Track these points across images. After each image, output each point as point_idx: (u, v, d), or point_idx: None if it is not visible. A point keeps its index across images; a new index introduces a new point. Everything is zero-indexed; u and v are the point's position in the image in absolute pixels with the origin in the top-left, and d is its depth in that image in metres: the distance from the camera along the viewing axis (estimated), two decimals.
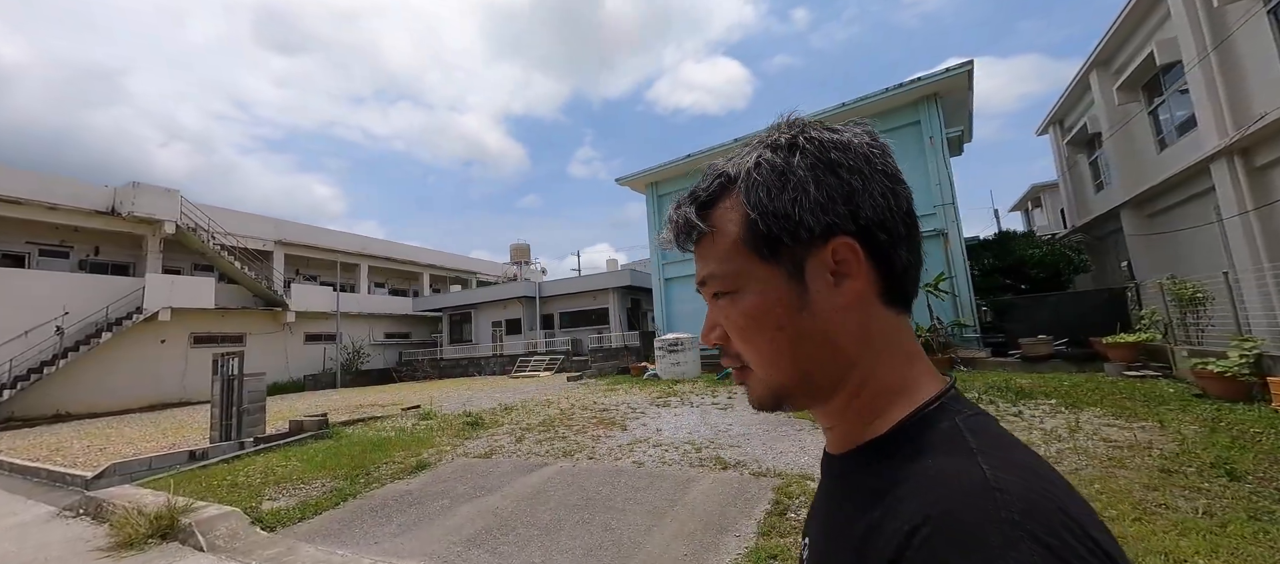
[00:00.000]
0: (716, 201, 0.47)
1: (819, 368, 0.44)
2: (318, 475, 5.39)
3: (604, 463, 5.12)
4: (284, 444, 6.91)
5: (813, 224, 0.42)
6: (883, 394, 0.43)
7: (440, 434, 7.28)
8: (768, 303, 0.44)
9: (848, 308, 0.43)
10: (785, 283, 0.44)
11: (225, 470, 5.86)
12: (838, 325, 0.43)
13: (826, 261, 0.43)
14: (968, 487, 0.33)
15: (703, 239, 0.48)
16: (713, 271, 0.47)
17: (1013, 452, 0.37)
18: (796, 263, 0.43)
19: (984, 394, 7.12)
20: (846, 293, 0.43)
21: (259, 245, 22.14)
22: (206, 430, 10.36)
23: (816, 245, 0.43)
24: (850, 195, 0.42)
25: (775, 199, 0.43)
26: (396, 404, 12.67)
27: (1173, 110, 10.34)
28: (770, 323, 0.44)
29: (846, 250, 0.43)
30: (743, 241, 0.45)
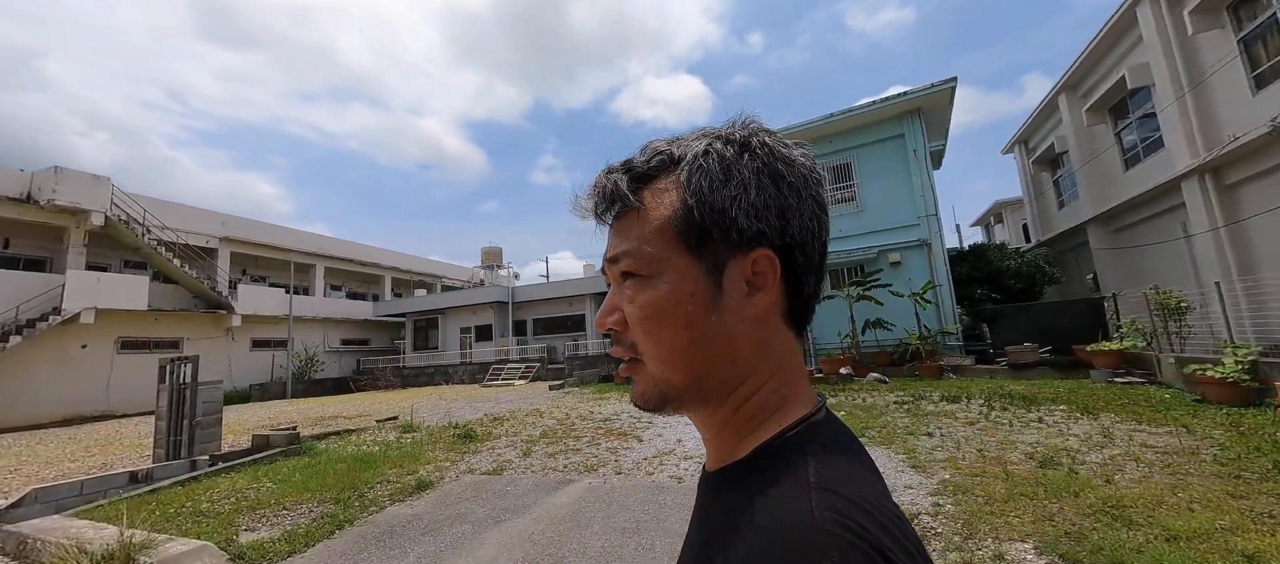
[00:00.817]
0: (651, 179, 0.45)
1: (714, 373, 0.42)
2: (301, 499, 4.65)
3: (635, 478, 4.67)
4: (250, 463, 6.03)
5: (745, 227, 0.41)
6: (760, 411, 0.43)
7: (431, 448, 6.58)
8: (680, 296, 0.42)
9: (754, 319, 0.42)
10: (702, 279, 0.42)
11: (181, 495, 5.00)
12: (741, 334, 0.42)
13: (745, 269, 0.42)
14: (792, 522, 0.33)
15: (626, 214, 0.45)
16: (631, 249, 0.44)
17: (848, 486, 0.36)
18: (718, 263, 0.42)
19: (992, 401, 7.14)
20: (756, 304, 0.42)
21: (202, 242, 20.21)
22: (145, 448, 9.13)
23: (740, 250, 0.42)
24: (784, 210, 0.42)
25: (716, 192, 0.42)
26: (365, 415, 11.66)
27: (1139, 132, 10.99)
28: (678, 318, 0.42)
29: (766, 263, 0.42)
30: (671, 226, 0.43)
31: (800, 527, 0.32)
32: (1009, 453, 4.58)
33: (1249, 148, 7.81)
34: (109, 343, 17.37)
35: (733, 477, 0.42)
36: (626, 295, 0.44)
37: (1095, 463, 4.13)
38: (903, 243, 13.34)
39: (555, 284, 23.62)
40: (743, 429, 0.43)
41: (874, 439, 5.47)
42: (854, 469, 0.38)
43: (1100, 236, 12.62)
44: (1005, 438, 5.18)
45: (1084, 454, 4.38)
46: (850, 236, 14.23)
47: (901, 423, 6.14)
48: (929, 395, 8.12)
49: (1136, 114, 10.97)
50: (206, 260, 20.17)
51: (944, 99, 13.08)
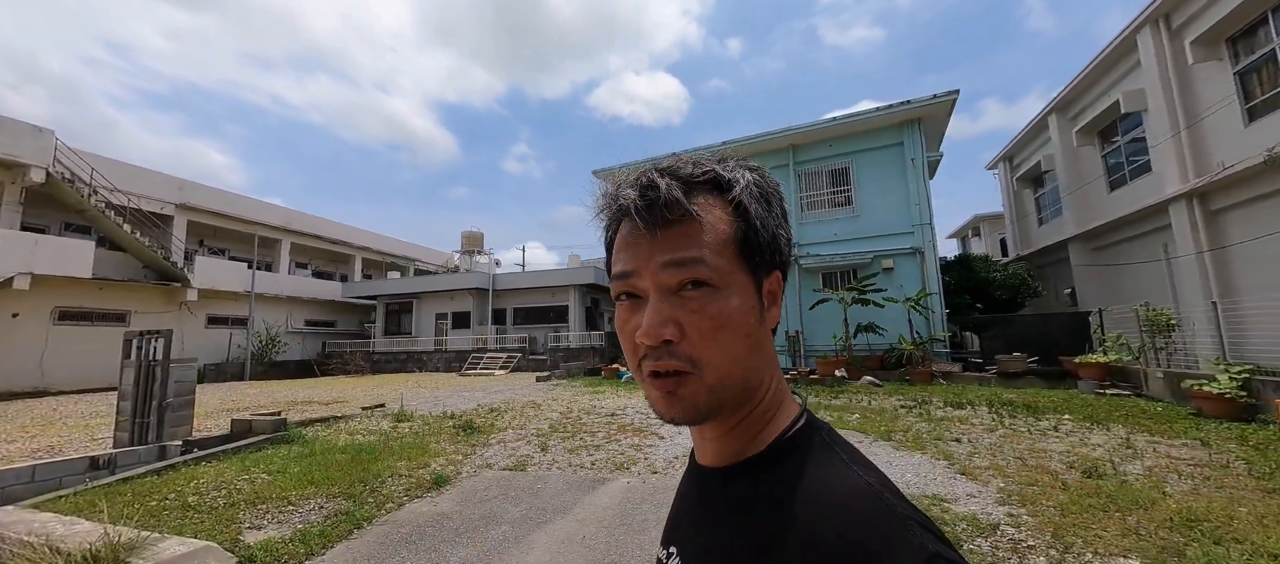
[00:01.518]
0: (697, 193, 0.46)
1: (756, 376, 0.47)
2: (305, 492, 4.18)
3: (674, 478, 4.42)
4: (233, 451, 5.45)
5: (783, 252, 0.48)
6: (772, 407, 0.47)
7: (433, 439, 6.15)
8: (746, 308, 0.45)
9: (770, 329, 0.49)
10: (755, 294, 0.46)
11: (160, 486, 4.43)
12: (767, 342, 0.48)
13: (771, 286, 0.48)
14: (857, 491, 0.39)
15: (683, 222, 0.45)
16: (697, 259, 0.44)
17: (864, 460, 0.44)
18: (760, 280, 0.47)
19: (997, 409, 7.24)
20: (773, 316, 0.49)
21: (156, 208, 18.63)
22: (94, 429, 8.26)
23: (772, 269, 0.48)
24: (788, 240, 0.50)
25: (768, 217, 0.47)
26: (341, 401, 10.96)
27: (1126, 154, 11.46)
28: (743, 327, 0.45)
29: (778, 283, 0.49)
30: (736, 244, 0.46)
31: (867, 491, 0.39)
32: (1046, 461, 4.58)
33: (1239, 176, 8.19)
34: (45, 313, 15.79)
35: (758, 466, 0.46)
36: (690, 304, 0.44)
37: (1137, 474, 4.15)
38: (896, 249, 13.54)
39: (539, 273, 23.02)
40: (756, 426, 0.47)
41: (903, 444, 5.40)
42: (857, 450, 0.46)
43: (1081, 253, 13.15)
44: (1032, 445, 5.20)
45: (1120, 465, 4.41)
46: (845, 240, 14.37)
47: (922, 428, 6.12)
48: (932, 401, 8.19)
49: (1125, 138, 11.43)
50: (161, 228, 18.62)
51: (944, 110, 13.34)
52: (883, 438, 5.68)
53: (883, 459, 4.76)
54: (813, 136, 14.94)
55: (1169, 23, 9.45)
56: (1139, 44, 10.03)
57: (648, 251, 0.45)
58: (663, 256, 0.44)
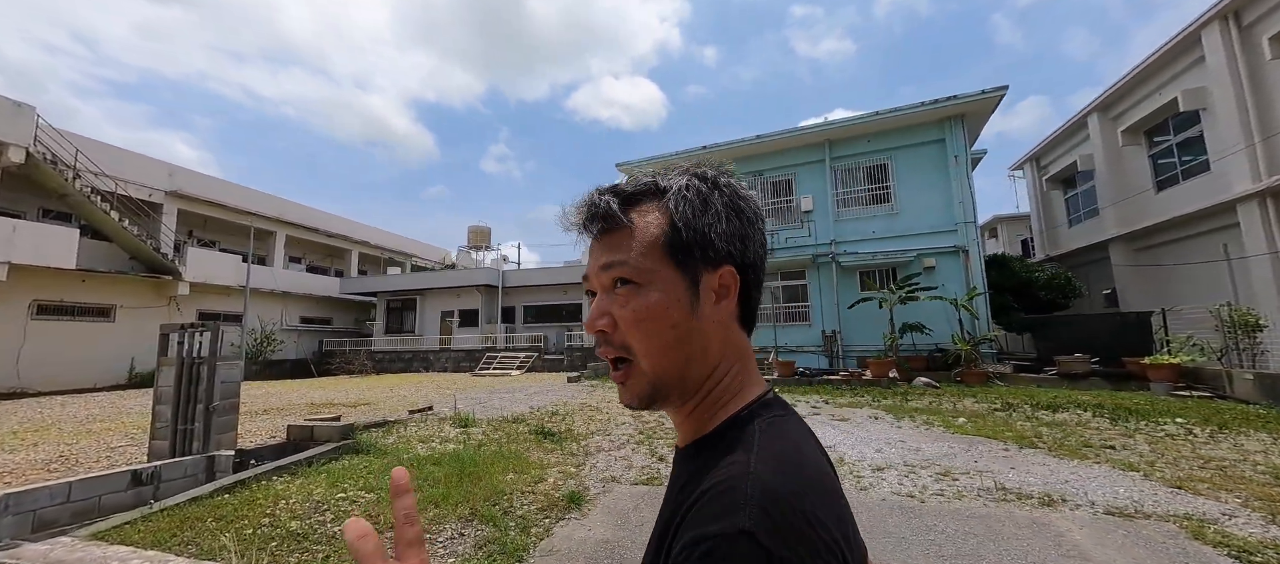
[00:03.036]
0: (638, 202, 0.53)
1: (694, 365, 0.50)
2: (429, 514, 3.50)
3: (849, 494, 3.86)
4: (305, 462, 4.69)
5: (718, 248, 0.51)
6: (723, 396, 0.51)
7: (521, 449, 5.48)
8: (669, 301, 0.50)
9: (720, 322, 0.51)
10: (685, 289, 0.50)
11: (238, 507, 3.68)
12: (712, 334, 0.51)
13: (714, 282, 0.51)
14: (733, 472, 0.42)
15: (616, 230, 0.52)
16: (623, 260, 0.50)
17: (781, 446, 0.45)
18: (695, 276, 0.50)
19: (1104, 413, 6.88)
20: (722, 310, 0.51)
21: (145, 195, 17.31)
22: (95, 434, 7.32)
23: (711, 266, 0.51)
24: (743, 238, 0.52)
25: (698, 218, 0.51)
26: (366, 404, 10.13)
27: (1179, 154, 11.35)
28: (668, 319, 0.49)
29: (730, 277, 0.51)
30: (661, 244, 0.50)
31: (735, 483, 0.41)
32: (1246, 470, 4.17)
33: None
34: (22, 306, 14.44)
35: (705, 445, 0.50)
36: (619, 301, 0.51)
37: None
38: (938, 248, 13.26)
39: (552, 270, 22.22)
40: (713, 409, 0.51)
41: (1057, 451, 4.92)
42: (788, 426, 0.48)
43: (1123, 254, 13.06)
44: (1197, 452, 4.81)
45: None
46: (883, 238, 14.04)
47: (1049, 434, 5.69)
48: (1017, 404, 7.81)
49: (1177, 137, 11.33)
50: (150, 217, 17.32)
51: (989, 107, 13.10)
52: (1023, 444, 5.22)
53: (1049, 470, 4.28)
54: (850, 132, 14.59)
55: (1239, 20, 9.31)
56: (1204, 41, 9.89)
57: (594, 257, 0.53)
58: (600, 260, 0.52)
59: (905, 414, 7.22)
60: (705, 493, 0.42)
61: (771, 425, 0.47)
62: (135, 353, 16.38)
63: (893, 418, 6.91)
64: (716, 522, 0.38)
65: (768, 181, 15.86)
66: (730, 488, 0.40)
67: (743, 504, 0.39)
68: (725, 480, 0.42)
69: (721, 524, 0.38)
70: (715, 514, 0.39)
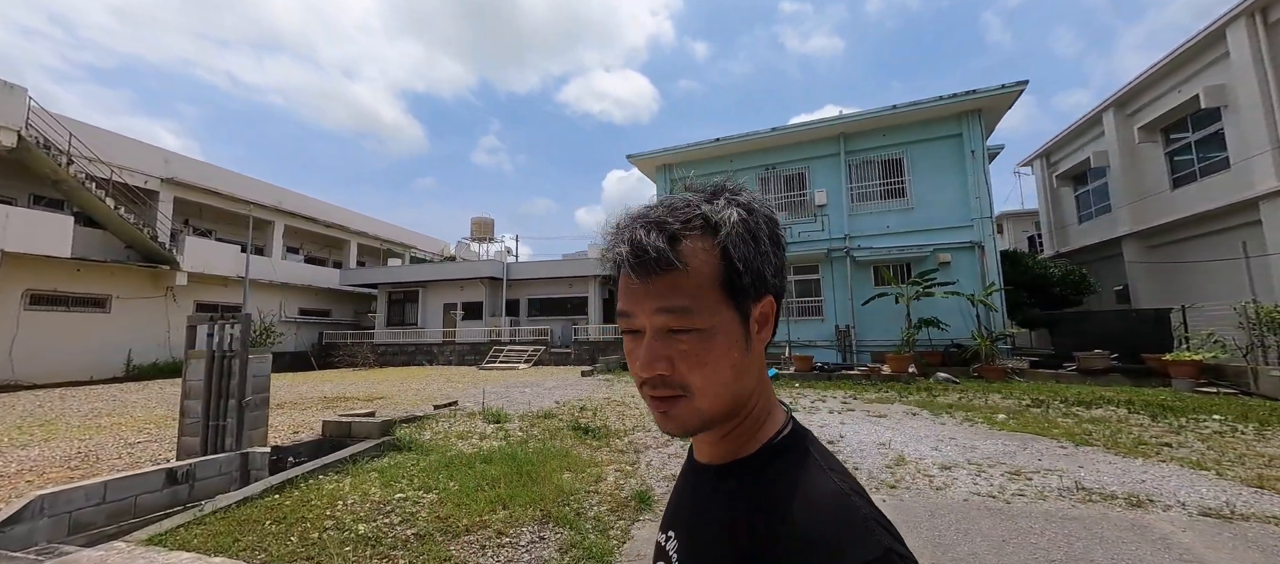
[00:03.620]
0: (684, 239, 0.49)
1: (744, 396, 0.51)
2: (500, 515, 3.34)
3: (925, 495, 3.76)
4: (349, 459, 4.49)
5: (770, 283, 0.51)
6: (761, 418, 0.52)
7: (563, 443, 5.32)
8: (731, 341, 0.49)
9: (760, 351, 0.52)
10: (740, 326, 0.50)
11: (294, 508, 3.50)
12: (757, 363, 0.52)
13: (759, 313, 0.51)
14: (832, 496, 0.44)
15: (670, 272, 0.48)
16: (688, 307, 0.48)
17: (839, 466, 0.49)
18: (746, 310, 0.50)
19: (1138, 410, 6.87)
20: (763, 339, 0.52)
21: (140, 182, 16.78)
22: (105, 429, 7.06)
23: (761, 298, 0.51)
24: (780, 267, 0.53)
25: (753, 256, 0.49)
26: (381, 398, 9.90)
27: (1198, 151, 11.38)
28: (729, 359, 0.49)
29: (770, 308, 0.52)
30: (721, 286, 0.48)
31: (837, 493, 0.44)
32: None
33: None
34: (15, 296, 13.96)
35: (748, 467, 0.51)
36: (679, 344, 0.48)
37: None
38: (954, 243, 13.23)
39: (557, 263, 21.97)
40: (749, 432, 0.52)
41: (1123, 450, 4.84)
42: (832, 456, 0.51)
43: (1136, 251, 13.12)
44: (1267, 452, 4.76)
45: None
46: (898, 233, 13.98)
47: (1094, 431, 5.64)
48: (1050, 401, 7.77)
49: (1196, 134, 11.34)
50: (146, 204, 16.82)
51: (1008, 101, 13.03)
52: (1078, 442, 5.15)
53: (1119, 469, 4.21)
54: (866, 126, 14.48)
55: (1266, 16, 9.29)
56: (1229, 38, 9.87)
57: (642, 296, 0.49)
58: (654, 303, 0.49)
59: (940, 410, 7.17)
60: (817, 520, 0.42)
61: (817, 444, 0.51)
62: (133, 345, 15.95)
63: (930, 414, 6.85)
64: (858, 547, 0.40)
65: (780, 175, 15.73)
66: (845, 512, 0.43)
67: (869, 525, 0.41)
68: (833, 506, 0.43)
69: (866, 549, 0.39)
70: (851, 541, 0.40)
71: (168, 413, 8.74)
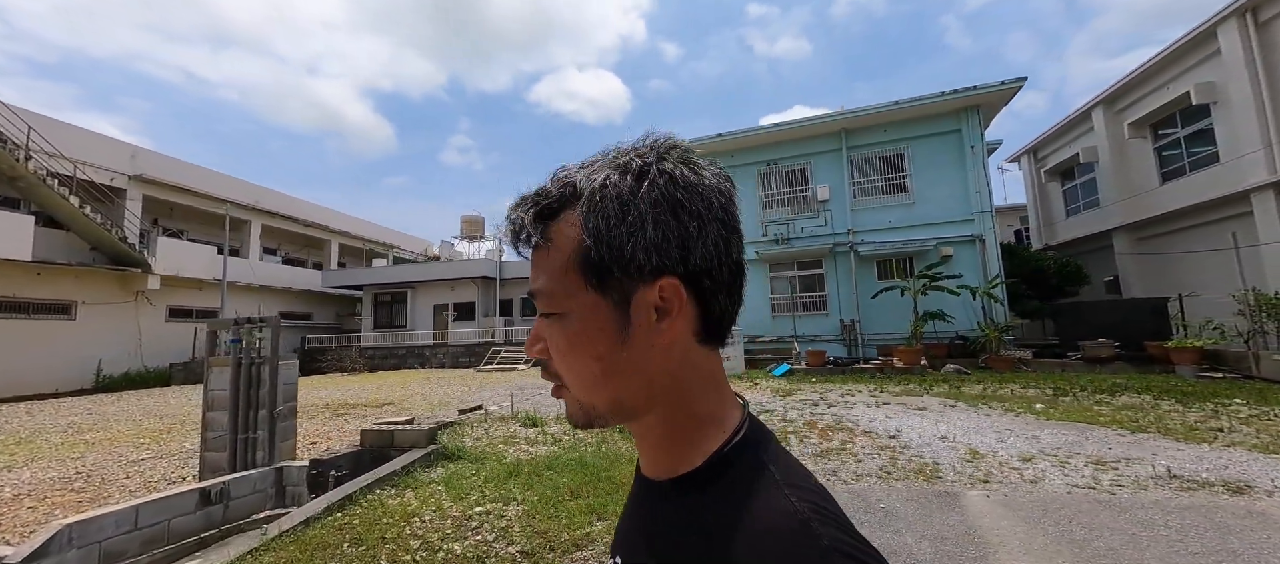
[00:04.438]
0: (558, 212, 0.44)
1: (630, 396, 0.44)
2: (592, 525, 3.10)
3: (1014, 491, 3.69)
4: (402, 471, 4.16)
5: (644, 262, 0.41)
6: (697, 425, 0.44)
7: (617, 446, 5.09)
8: (590, 331, 0.43)
9: (665, 346, 0.43)
10: (609, 313, 0.42)
11: (364, 530, 3.18)
12: (654, 360, 0.43)
13: (652, 299, 0.42)
14: (789, 520, 0.37)
15: (538, 248, 0.44)
16: (542, 289, 0.44)
17: (804, 479, 0.41)
18: (624, 295, 0.42)
19: (1161, 396, 7.05)
20: (667, 331, 0.42)
21: (106, 179, 15.67)
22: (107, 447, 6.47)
23: (645, 282, 0.42)
24: (685, 239, 0.42)
25: (613, 229, 0.41)
26: (387, 403, 9.45)
27: (1187, 147, 11.84)
28: (590, 351, 0.43)
29: (672, 291, 0.42)
30: (574, 264, 0.43)
31: (791, 515, 0.37)
32: None
33: None
34: None
35: (693, 482, 0.43)
36: (549, 330, 0.45)
37: None
38: (955, 237, 13.47)
39: None
40: (688, 440, 0.44)
41: (1181, 436, 4.87)
42: (794, 462, 0.43)
43: (1126, 243, 13.60)
44: None
45: None
46: (900, 228, 14.15)
47: (1150, 420, 5.71)
48: (1071, 390, 7.93)
49: (1185, 130, 11.80)
50: (112, 203, 15.71)
51: (1006, 97, 13.33)
52: (1134, 429, 5.20)
53: (1192, 455, 4.24)
54: (867, 121, 14.59)
55: (1256, 16, 9.69)
56: (1220, 37, 10.27)
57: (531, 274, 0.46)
58: (530, 283, 0.46)
59: (975, 401, 7.19)
60: (758, 542, 0.37)
61: (779, 456, 0.43)
62: (101, 354, 14.89)
63: (968, 406, 6.87)
64: None
65: (783, 170, 15.75)
66: (800, 538, 0.36)
67: (830, 558, 0.35)
68: (784, 532, 0.37)
69: None
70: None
71: (160, 426, 8.12)
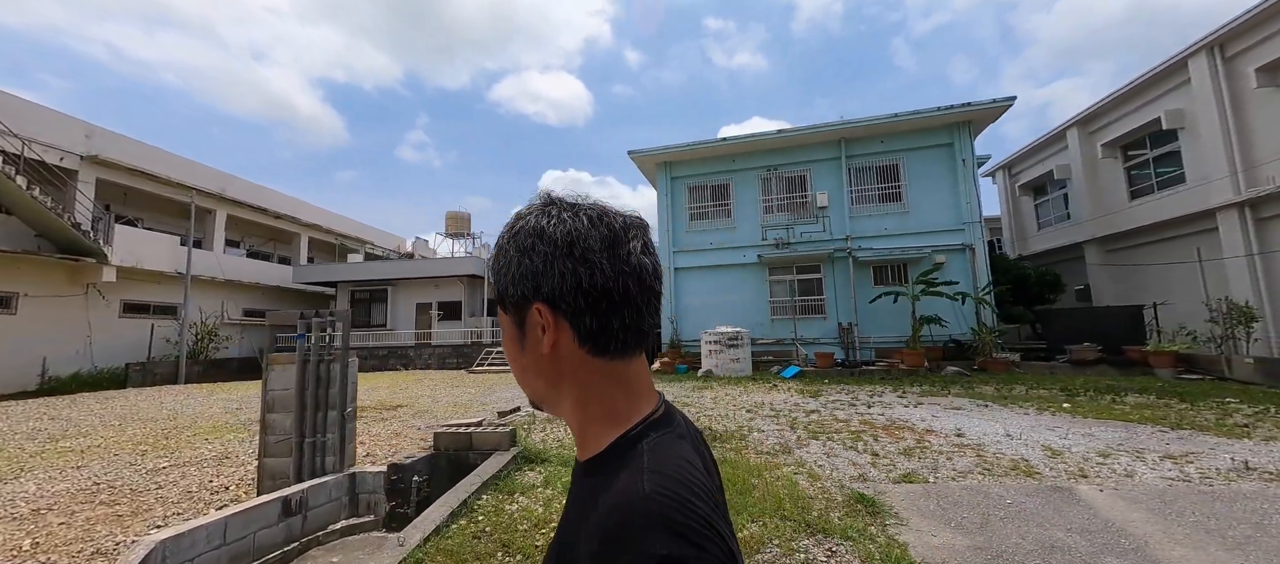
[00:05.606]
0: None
1: (538, 390, 0.58)
2: (743, 527, 3.02)
3: (1122, 486, 3.87)
4: (505, 474, 3.91)
5: (513, 292, 0.55)
6: (598, 421, 0.54)
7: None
8: (507, 341, 0.59)
9: (550, 354, 0.54)
10: (513, 328, 0.57)
11: (502, 537, 2.97)
12: (545, 364, 0.55)
13: (535, 319, 0.54)
14: (630, 497, 0.44)
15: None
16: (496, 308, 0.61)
17: (669, 465, 0.48)
18: (520, 316, 0.56)
19: (1156, 396, 7.61)
20: (546, 342, 0.54)
21: (56, 159, 14.13)
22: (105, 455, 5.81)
23: (526, 306, 0.55)
24: (534, 275, 0.54)
25: (498, 272, 0.57)
26: (401, 406, 8.97)
27: (1155, 167, 12.91)
28: (511, 355, 0.58)
29: (537, 314, 0.54)
30: (494, 295, 0.60)
31: (635, 496, 0.44)
32: None
33: None
34: None
35: (596, 465, 0.53)
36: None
37: None
38: (947, 245, 14.13)
39: None
40: (597, 430, 0.54)
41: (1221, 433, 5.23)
42: (676, 449, 0.51)
43: (1098, 254, 14.68)
44: None
45: None
46: (896, 235, 14.71)
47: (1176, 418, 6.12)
48: (1078, 390, 8.44)
49: (1154, 152, 12.87)
50: (61, 186, 14.19)
51: (996, 114, 14.13)
52: (1174, 426, 5.58)
53: (1248, 448, 4.58)
54: (866, 132, 15.12)
55: (1223, 51, 10.69)
56: (1191, 68, 11.27)
57: None
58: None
59: (1001, 401, 7.53)
60: (607, 517, 0.44)
61: (657, 445, 0.51)
62: (46, 352, 13.40)
63: (998, 405, 7.18)
64: (630, 547, 0.41)
65: (783, 176, 16.08)
66: (630, 509, 0.43)
67: (650, 532, 0.41)
68: (624, 502, 0.44)
69: (634, 552, 0.40)
70: (621, 541, 0.42)
71: (149, 432, 7.36)
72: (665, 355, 14.96)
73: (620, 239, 0.55)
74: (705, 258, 16.31)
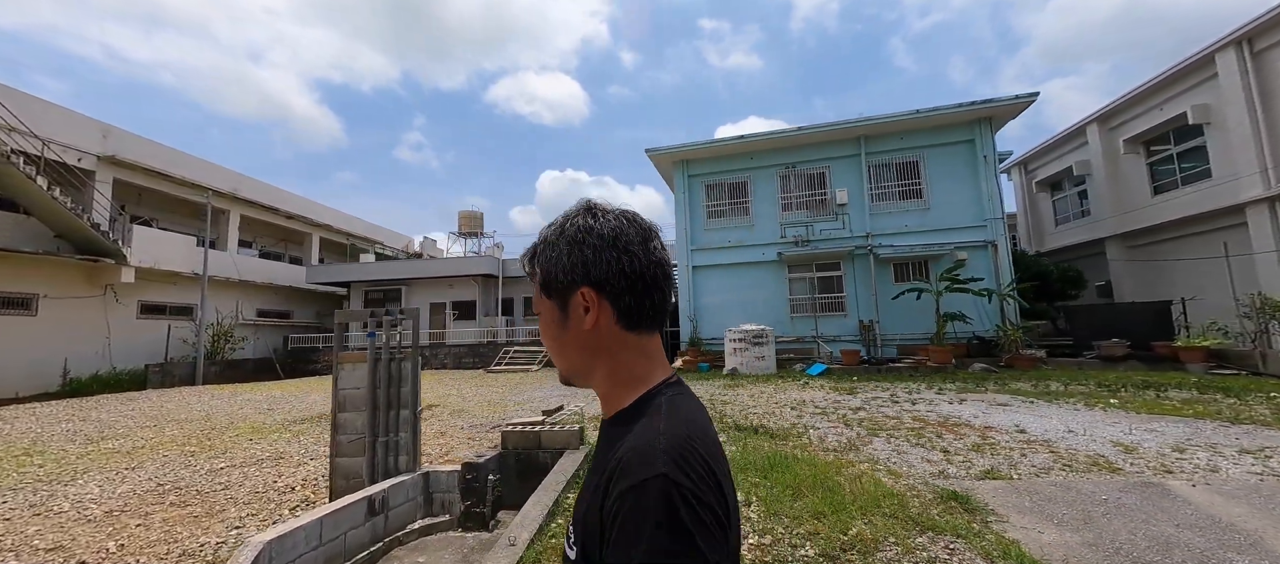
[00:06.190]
0: (534, 257, 0.71)
1: (575, 364, 0.68)
2: (850, 527, 2.99)
3: (1212, 482, 3.84)
4: (577, 479, 3.89)
5: (563, 280, 0.66)
6: (627, 382, 0.66)
7: (752, 446, 4.98)
8: (547, 322, 0.69)
9: (595, 330, 0.65)
10: (556, 312, 0.68)
11: None
12: (586, 338, 0.66)
13: (579, 300, 0.65)
14: (649, 433, 0.55)
15: (531, 277, 0.72)
16: (533, 298, 0.72)
17: (680, 415, 0.59)
18: (563, 300, 0.67)
19: (1205, 391, 7.58)
20: (589, 320, 0.65)
21: (73, 159, 14.06)
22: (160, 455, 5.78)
23: (572, 290, 0.66)
24: (584, 264, 0.65)
25: (547, 263, 0.68)
26: (433, 405, 8.93)
27: (1180, 163, 12.87)
28: (550, 334, 0.69)
29: (584, 297, 0.65)
30: (538, 284, 0.70)
31: (653, 433, 0.55)
32: None
33: None
34: None
35: (622, 417, 0.63)
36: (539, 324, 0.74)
37: None
38: (969, 242, 14.10)
39: None
40: (623, 391, 0.65)
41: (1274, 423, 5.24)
42: (684, 409, 0.61)
43: (1119, 251, 14.65)
44: None
45: None
46: (917, 232, 14.66)
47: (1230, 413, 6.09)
48: (1115, 385, 8.41)
49: (1178, 147, 12.83)
50: (79, 186, 14.12)
51: (1016, 110, 14.07)
52: (1234, 422, 5.55)
53: None
54: (884, 129, 15.07)
55: (1252, 45, 10.66)
56: (1218, 63, 11.23)
57: None
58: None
59: (1048, 397, 7.50)
60: (630, 450, 0.54)
61: (673, 400, 0.62)
62: (67, 353, 13.33)
63: (1044, 401, 7.15)
64: (640, 472, 0.50)
65: (802, 173, 16.02)
66: (648, 445, 0.53)
67: (657, 455, 0.51)
68: (644, 441, 0.54)
69: (644, 472, 0.50)
70: (639, 466, 0.51)
71: (189, 433, 7.31)
72: (686, 353, 14.92)
73: (650, 235, 0.69)
74: (724, 256, 16.25)
